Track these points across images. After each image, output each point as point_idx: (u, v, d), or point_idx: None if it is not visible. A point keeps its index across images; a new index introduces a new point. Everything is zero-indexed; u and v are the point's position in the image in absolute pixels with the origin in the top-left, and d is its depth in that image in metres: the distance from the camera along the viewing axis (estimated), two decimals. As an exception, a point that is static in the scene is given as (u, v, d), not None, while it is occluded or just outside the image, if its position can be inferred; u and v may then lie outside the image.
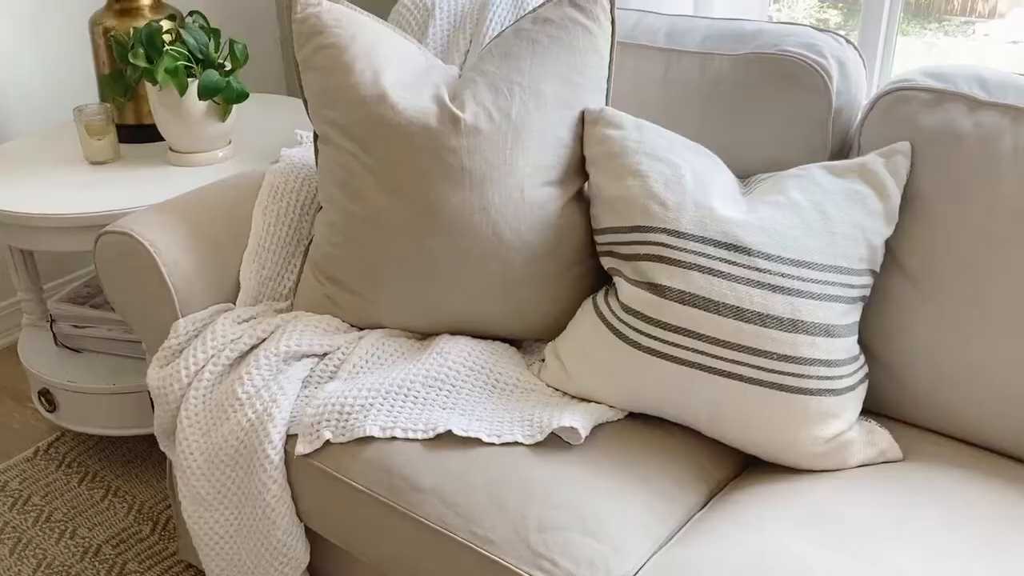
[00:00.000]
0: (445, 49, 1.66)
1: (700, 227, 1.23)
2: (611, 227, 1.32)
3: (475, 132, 1.33)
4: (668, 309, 1.21)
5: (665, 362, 1.22)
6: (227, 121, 1.85)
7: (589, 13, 1.39)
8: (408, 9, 1.70)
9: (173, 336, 1.42)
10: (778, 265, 1.20)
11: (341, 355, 1.38)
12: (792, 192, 1.27)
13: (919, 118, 1.29)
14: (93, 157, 1.89)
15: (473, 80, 1.38)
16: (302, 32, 1.41)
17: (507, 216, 1.34)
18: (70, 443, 2.08)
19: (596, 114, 1.38)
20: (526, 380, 1.34)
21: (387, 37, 1.43)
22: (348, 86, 1.37)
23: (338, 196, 1.41)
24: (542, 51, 1.37)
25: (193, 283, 1.44)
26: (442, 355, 1.34)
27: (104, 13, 1.94)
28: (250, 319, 1.46)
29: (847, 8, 2.31)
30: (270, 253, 1.53)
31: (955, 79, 1.29)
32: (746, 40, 1.46)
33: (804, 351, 1.18)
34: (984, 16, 2.33)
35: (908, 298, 1.28)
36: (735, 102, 1.44)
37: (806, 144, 1.40)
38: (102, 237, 1.46)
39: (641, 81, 1.52)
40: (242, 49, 1.82)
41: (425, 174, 1.33)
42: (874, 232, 1.25)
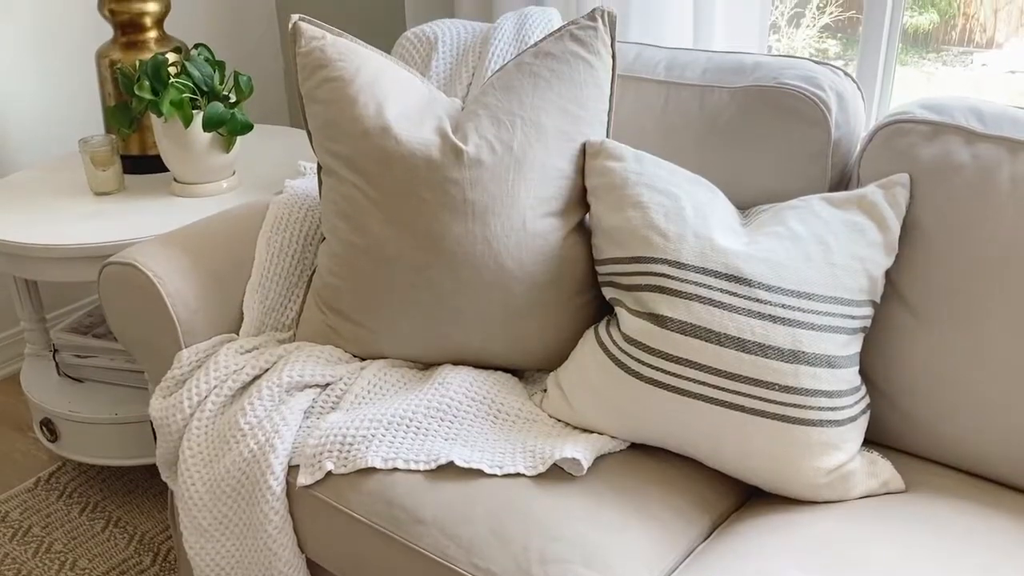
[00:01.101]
0: (448, 82, 1.68)
1: (701, 258, 1.24)
2: (612, 258, 1.32)
3: (477, 164, 1.34)
4: (669, 340, 1.22)
5: (667, 392, 1.22)
6: (231, 152, 1.87)
7: (590, 47, 1.41)
8: (411, 43, 1.72)
9: (176, 366, 1.43)
10: (779, 296, 1.21)
11: (343, 385, 1.38)
12: (792, 223, 1.28)
13: (917, 150, 1.30)
14: (98, 188, 1.90)
15: (475, 113, 1.39)
16: (306, 65, 1.43)
17: (509, 247, 1.35)
18: (71, 473, 2.08)
19: (597, 146, 1.39)
20: (528, 410, 1.34)
21: (390, 70, 1.44)
22: (352, 118, 1.38)
23: (341, 227, 1.42)
24: (543, 84, 1.39)
25: (196, 313, 1.45)
26: (444, 385, 1.34)
27: (111, 46, 1.96)
28: (253, 349, 1.46)
29: (846, 38, 2.33)
30: (273, 283, 1.54)
31: (952, 111, 1.31)
32: (745, 73, 1.48)
33: (806, 382, 1.18)
34: (982, 46, 2.36)
35: (909, 329, 1.28)
36: (735, 134, 1.45)
37: (805, 175, 1.41)
38: (106, 268, 1.47)
39: (641, 113, 1.54)
40: (247, 81, 1.84)
41: (428, 205, 1.35)
42: (874, 263, 1.26)
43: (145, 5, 1.94)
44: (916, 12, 2.32)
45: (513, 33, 1.67)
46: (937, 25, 2.36)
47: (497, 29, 1.69)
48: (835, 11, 2.30)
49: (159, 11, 1.96)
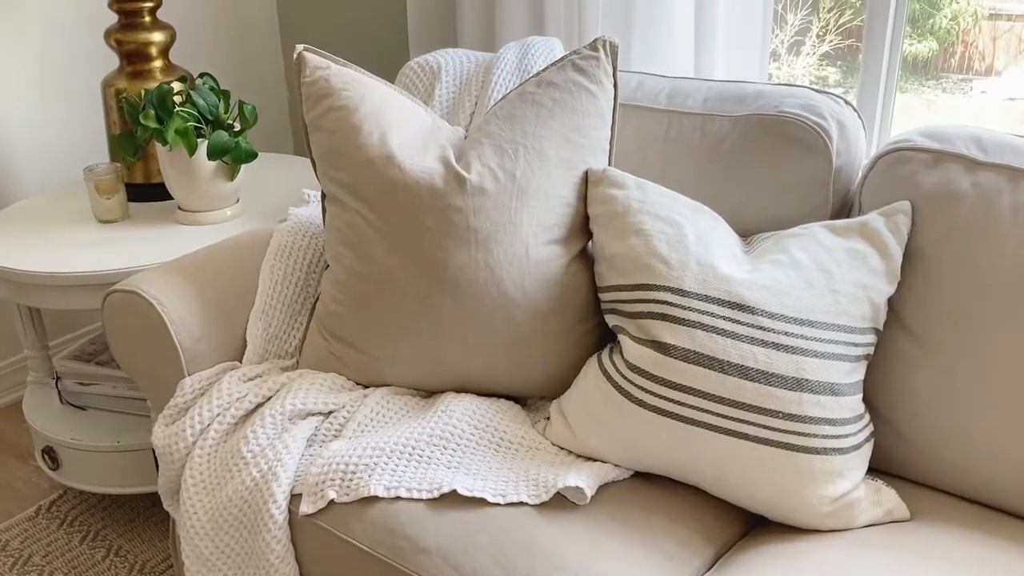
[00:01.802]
0: (451, 111, 1.69)
1: (703, 285, 1.24)
2: (615, 285, 1.33)
3: (480, 192, 1.35)
4: (672, 367, 1.22)
5: (670, 420, 1.22)
6: (235, 180, 1.88)
7: (592, 76, 1.42)
8: (415, 72, 1.74)
9: (179, 394, 1.43)
10: (781, 324, 1.21)
11: (346, 413, 1.38)
12: (794, 251, 1.28)
13: (918, 178, 1.30)
14: (102, 216, 1.91)
15: (478, 141, 1.40)
16: (311, 95, 1.44)
17: (512, 274, 1.35)
18: (72, 501, 2.07)
19: (599, 174, 1.40)
20: (531, 439, 1.34)
21: (394, 99, 1.45)
22: (356, 147, 1.39)
23: (345, 255, 1.42)
24: (546, 113, 1.40)
25: (200, 341, 1.45)
26: (447, 413, 1.34)
27: (116, 75, 1.98)
28: (256, 377, 1.46)
29: (846, 66, 2.35)
30: (276, 311, 1.54)
31: (953, 139, 1.31)
32: (746, 102, 1.49)
33: (809, 410, 1.18)
34: (981, 74, 2.37)
35: (912, 356, 1.28)
36: (736, 162, 1.46)
37: (807, 203, 1.42)
38: (110, 295, 1.48)
39: (643, 142, 1.55)
40: (251, 110, 1.85)
41: (431, 233, 1.35)
42: (876, 291, 1.26)
43: (151, 35, 1.96)
44: (915, 40, 2.34)
45: (516, 63, 1.69)
46: (936, 53, 2.38)
47: (500, 59, 1.70)
48: (835, 39, 2.31)
49: (165, 41, 1.98)
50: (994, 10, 2.32)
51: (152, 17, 1.97)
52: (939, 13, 2.32)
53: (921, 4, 2.29)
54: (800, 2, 2.22)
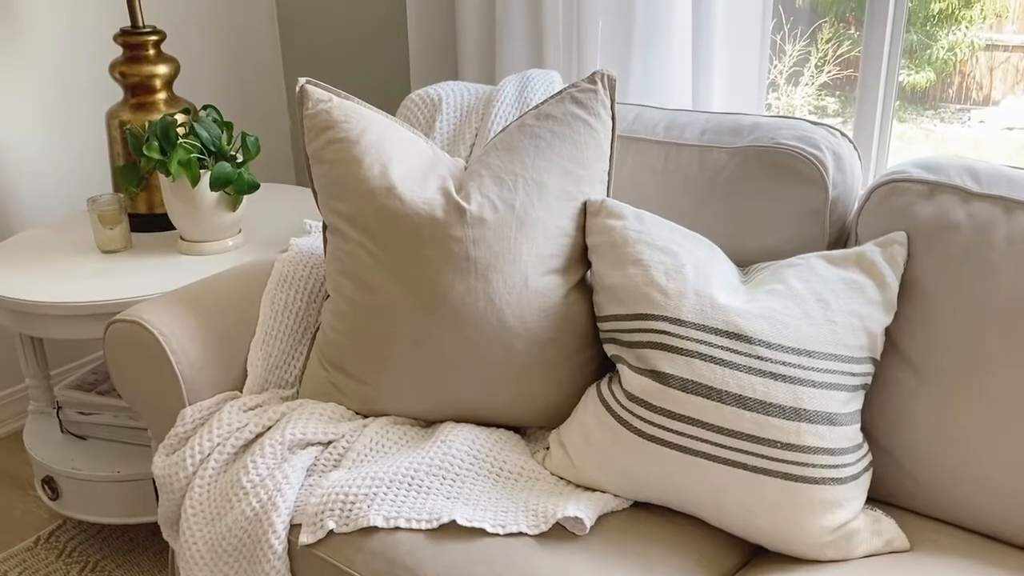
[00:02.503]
0: (451, 142, 1.71)
1: (701, 315, 1.25)
2: (614, 315, 1.33)
3: (480, 223, 1.36)
4: (671, 397, 1.22)
5: (669, 450, 1.22)
6: (237, 211, 1.89)
7: (590, 109, 1.44)
8: (416, 104, 1.76)
9: (180, 424, 1.43)
10: (779, 353, 1.21)
11: (345, 443, 1.38)
12: (791, 281, 1.29)
13: (914, 209, 1.31)
14: (105, 246, 1.92)
15: (478, 173, 1.42)
16: (313, 127, 1.45)
17: (511, 304, 1.36)
18: (71, 531, 2.07)
19: (598, 205, 1.41)
20: (530, 469, 1.34)
21: (395, 131, 1.47)
22: (357, 179, 1.41)
23: (345, 285, 1.43)
24: (545, 145, 1.42)
25: (201, 371, 1.46)
26: (446, 443, 1.34)
27: (121, 107, 2.00)
28: (256, 407, 1.47)
29: (844, 96, 2.37)
30: (277, 341, 1.55)
31: (947, 171, 1.33)
32: (743, 133, 1.51)
33: (807, 440, 1.18)
34: (979, 103, 2.39)
35: (910, 386, 1.29)
36: (733, 193, 1.47)
37: (804, 234, 1.43)
38: (112, 325, 1.48)
39: (641, 173, 1.56)
40: (254, 142, 1.87)
41: (431, 263, 1.36)
42: (873, 321, 1.27)
43: (155, 68, 1.98)
44: (912, 70, 2.36)
45: (515, 95, 1.71)
46: (934, 83, 2.40)
47: (500, 91, 1.72)
48: (833, 70, 2.34)
49: (169, 73, 2.00)
50: (991, 41, 2.34)
51: (156, 50, 1.99)
52: (936, 44, 2.35)
53: (918, 35, 2.32)
54: (798, 33, 2.25)
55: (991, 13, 2.33)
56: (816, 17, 2.30)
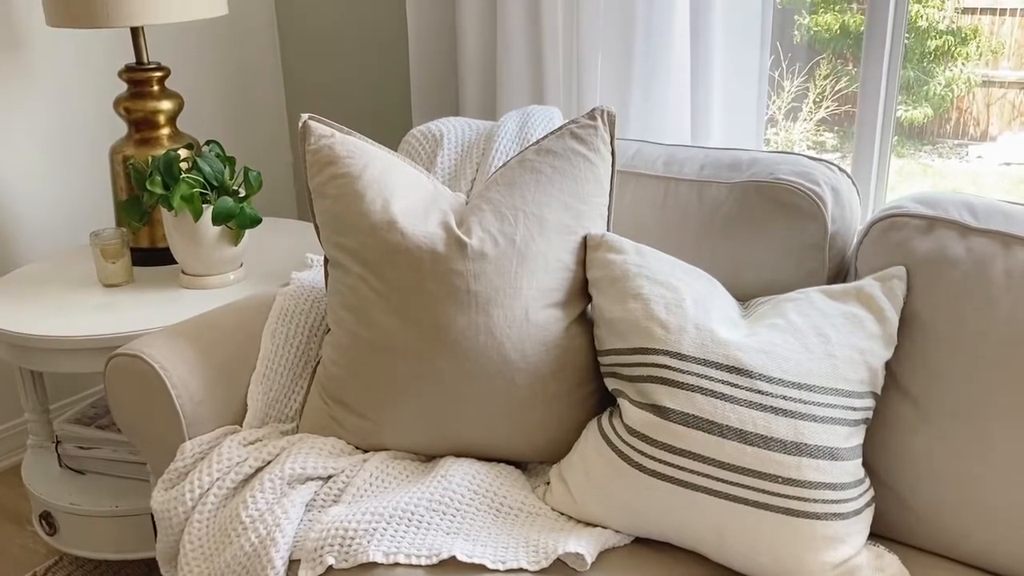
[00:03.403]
0: (453, 177, 1.72)
1: (701, 350, 1.25)
2: (614, 348, 1.34)
3: (481, 257, 1.37)
4: (671, 431, 1.22)
5: (670, 485, 1.22)
6: (239, 245, 1.90)
7: (590, 145, 1.45)
8: (417, 140, 1.77)
9: (179, 459, 1.43)
10: (779, 388, 1.21)
11: (345, 478, 1.38)
12: (791, 315, 1.30)
13: (913, 243, 1.32)
14: (107, 280, 1.93)
15: (479, 207, 1.43)
16: (316, 162, 1.47)
17: (512, 338, 1.36)
18: (68, 568, 2.05)
19: (598, 239, 1.42)
20: (531, 504, 1.33)
21: (397, 166, 1.48)
22: (359, 213, 1.41)
23: (346, 319, 1.43)
24: (545, 180, 1.43)
25: (201, 405, 1.46)
26: (446, 478, 1.33)
27: (124, 142, 2.02)
28: (256, 441, 1.46)
29: (843, 131, 2.39)
30: (277, 375, 1.55)
31: (945, 206, 1.34)
32: (742, 168, 1.52)
33: (808, 474, 1.18)
34: (976, 139, 2.41)
35: (911, 420, 1.28)
36: (733, 228, 1.48)
37: (803, 268, 1.44)
38: (113, 359, 1.48)
39: (641, 207, 1.57)
40: (256, 177, 1.89)
41: (432, 297, 1.36)
42: (874, 355, 1.27)
43: (159, 104, 2.00)
44: (911, 106, 2.38)
45: (516, 131, 1.72)
46: (931, 118, 2.42)
47: (500, 127, 1.74)
48: (831, 105, 2.36)
49: (173, 109, 2.02)
50: (987, 77, 2.37)
51: (161, 86, 2.01)
52: (933, 80, 2.37)
53: (915, 71, 2.34)
54: (796, 69, 2.27)
55: (987, 50, 2.35)
56: (814, 54, 2.33)
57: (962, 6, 2.32)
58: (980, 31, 2.34)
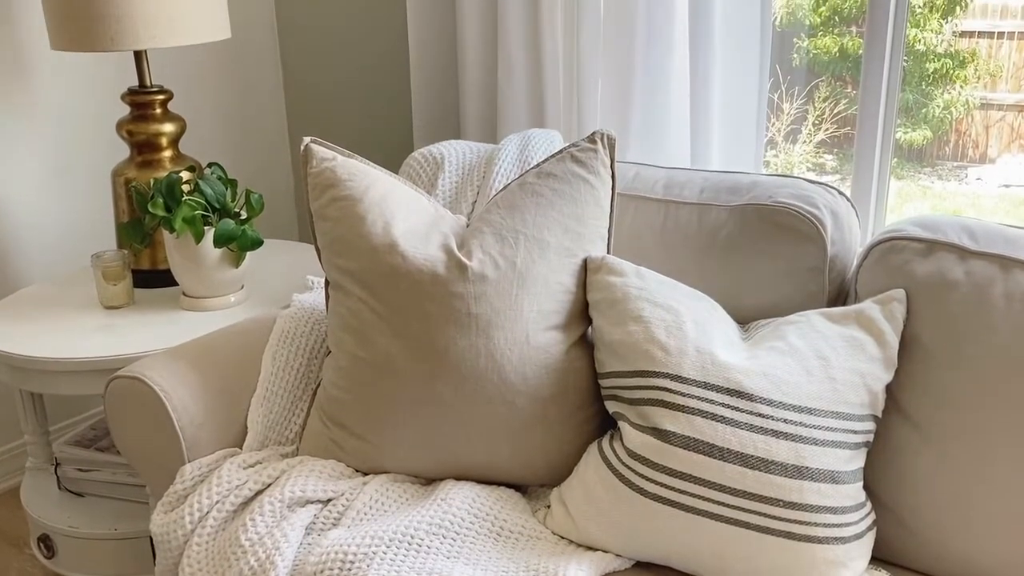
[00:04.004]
0: (453, 200, 1.73)
1: (702, 372, 1.25)
2: (615, 371, 1.34)
3: (482, 279, 1.37)
4: (672, 454, 1.22)
5: (671, 509, 1.21)
6: (240, 267, 1.90)
7: (590, 168, 1.46)
8: (419, 162, 1.78)
9: (179, 481, 1.42)
10: (780, 411, 1.21)
11: (345, 501, 1.37)
12: (792, 338, 1.30)
13: (912, 266, 1.32)
14: (108, 302, 1.93)
15: (480, 230, 1.43)
16: (317, 185, 1.47)
17: (513, 360, 1.36)
18: (66, 591, 2.04)
19: (598, 262, 1.42)
20: (531, 527, 1.33)
21: (398, 189, 1.49)
22: (360, 236, 1.42)
23: (347, 341, 1.44)
24: (545, 203, 1.43)
25: (201, 428, 1.46)
26: (446, 502, 1.33)
27: (127, 164, 2.03)
28: (256, 464, 1.46)
29: (842, 153, 2.40)
30: (278, 397, 1.55)
31: (944, 229, 1.34)
32: (742, 192, 1.52)
33: (810, 498, 1.18)
34: (976, 161, 2.42)
35: (912, 443, 1.28)
36: (733, 250, 1.48)
37: (803, 291, 1.44)
38: (113, 381, 1.48)
39: (641, 230, 1.58)
40: (258, 199, 1.89)
41: (433, 319, 1.37)
42: (874, 378, 1.27)
43: (162, 126, 2.01)
44: (909, 128, 2.39)
45: (516, 154, 1.73)
46: (931, 141, 2.43)
47: (501, 150, 1.75)
48: (830, 128, 2.37)
49: (175, 132, 2.03)
50: (985, 100, 2.38)
51: (163, 109, 2.02)
52: (932, 103, 2.39)
53: (914, 94, 2.36)
54: (796, 92, 2.28)
55: (985, 73, 2.37)
56: (813, 76, 2.34)
57: (960, 30, 2.33)
58: (978, 54, 2.36)
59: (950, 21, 2.32)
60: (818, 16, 2.36)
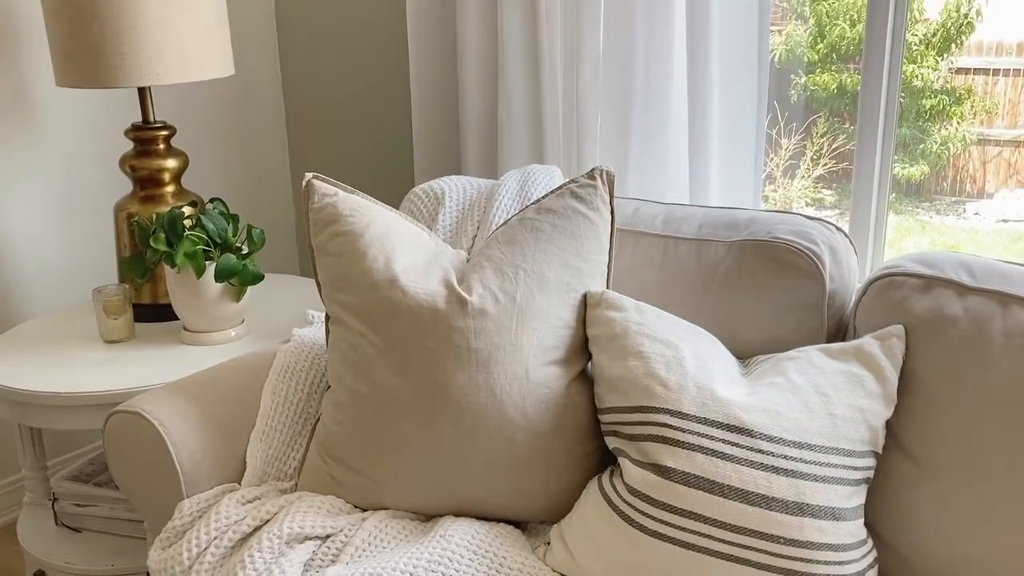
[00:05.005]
0: (454, 235, 1.74)
1: (702, 408, 1.25)
2: (615, 407, 1.33)
3: (481, 314, 1.38)
4: (673, 491, 1.21)
5: (672, 546, 1.21)
6: (241, 301, 1.91)
7: (589, 203, 1.47)
8: (419, 198, 1.79)
9: (177, 517, 1.42)
10: (780, 447, 1.21)
11: (344, 537, 1.36)
12: (791, 374, 1.30)
13: (911, 302, 1.33)
14: (108, 336, 1.93)
15: (480, 265, 1.44)
16: (319, 220, 1.48)
17: (512, 395, 1.36)
18: (62, 628, 2.02)
19: (598, 297, 1.42)
20: (531, 565, 1.32)
21: (399, 224, 1.50)
22: (361, 271, 1.43)
23: (347, 375, 1.44)
24: (545, 238, 1.44)
25: (200, 463, 1.45)
26: (445, 538, 1.32)
27: (129, 199, 2.04)
28: (254, 500, 1.45)
29: (840, 188, 2.42)
30: (277, 432, 1.54)
31: (942, 265, 1.35)
32: (740, 227, 1.53)
33: (811, 535, 1.17)
34: (974, 196, 2.44)
35: (912, 480, 1.28)
36: (731, 286, 1.49)
37: (803, 326, 1.44)
38: (112, 416, 1.48)
39: (640, 265, 1.58)
40: (259, 234, 1.90)
41: (433, 354, 1.37)
42: (874, 414, 1.27)
43: (165, 162, 2.03)
44: (907, 164, 2.41)
45: (516, 190, 1.74)
46: (928, 176, 2.45)
47: (501, 186, 1.76)
48: (829, 163, 2.39)
49: (178, 167, 2.05)
50: (982, 136, 2.40)
51: (166, 145, 2.04)
52: (929, 138, 2.41)
53: (911, 130, 2.38)
54: (794, 127, 2.30)
55: (981, 110, 2.39)
56: (810, 112, 2.36)
57: (956, 66, 2.36)
58: (974, 91, 2.38)
59: (946, 58, 2.34)
60: (816, 53, 2.39)
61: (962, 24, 2.28)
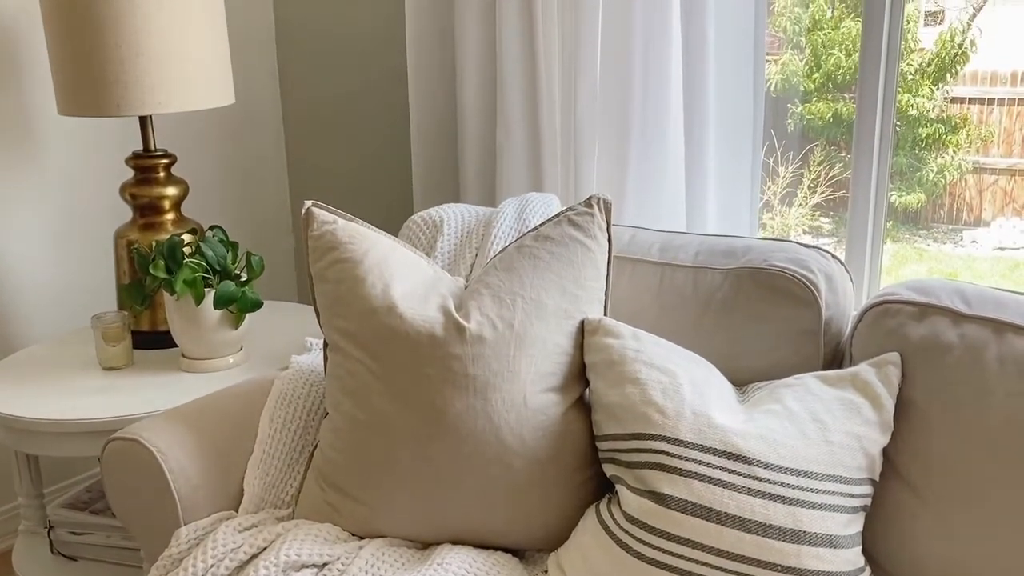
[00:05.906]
0: (452, 262, 1.75)
1: (699, 435, 1.25)
2: (612, 434, 1.33)
3: (479, 341, 1.38)
4: (670, 519, 1.21)
5: (669, 574, 1.20)
6: (240, 329, 1.91)
7: (587, 231, 1.48)
8: (418, 225, 1.80)
9: (174, 544, 1.41)
10: (777, 474, 1.21)
11: (341, 566, 1.36)
12: (788, 401, 1.30)
13: (906, 330, 1.33)
14: (107, 363, 1.93)
15: (478, 292, 1.44)
16: (318, 247, 1.49)
17: (510, 422, 1.37)
18: (56, 657, 2.00)
19: (595, 324, 1.43)
20: (528, 593, 1.31)
21: (397, 252, 1.50)
22: (359, 297, 1.43)
23: (345, 402, 1.44)
24: (543, 266, 1.45)
25: (198, 490, 1.45)
26: (442, 566, 1.32)
27: (129, 227, 2.05)
28: (251, 527, 1.45)
29: (837, 216, 2.43)
30: (274, 460, 1.54)
31: (937, 293, 1.35)
32: (737, 255, 1.54)
33: (809, 563, 1.17)
34: (970, 224, 2.45)
35: (910, 507, 1.28)
36: (728, 314, 1.49)
37: (799, 353, 1.45)
38: (110, 443, 1.48)
39: (637, 293, 1.59)
40: (258, 261, 1.91)
41: (430, 381, 1.37)
42: (871, 441, 1.27)
43: (165, 190, 2.04)
44: (904, 192, 2.42)
45: (514, 217, 1.75)
46: (925, 204, 2.46)
47: (499, 213, 1.77)
48: (826, 191, 2.40)
49: (178, 195, 2.06)
50: (978, 164, 2.42)
51: (167, 172, 2.05)
52: (925, 167, 2.42)
53: (908, 158, 2.39)
54: (791, 156, 2.32)
55: (976, 138, 2.41)
56: (807, 141, 2.38)
57: (951, 95, 2.38)
58: (970, 120, 2.40)
59: (941, 87, 2.36)
60: (812, 82, 2.41)
61: (956, 54, 2.31)
